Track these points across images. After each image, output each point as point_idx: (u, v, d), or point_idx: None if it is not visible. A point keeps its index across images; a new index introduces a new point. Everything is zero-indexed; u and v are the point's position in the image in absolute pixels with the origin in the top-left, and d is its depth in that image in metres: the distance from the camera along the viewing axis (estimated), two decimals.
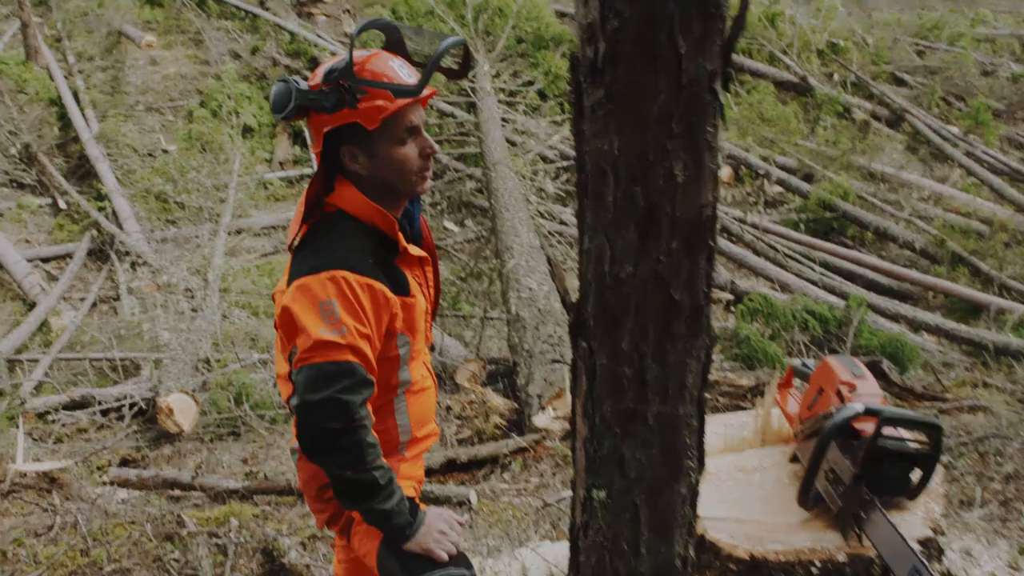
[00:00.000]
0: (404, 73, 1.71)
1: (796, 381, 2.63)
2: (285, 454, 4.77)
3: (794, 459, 2.41)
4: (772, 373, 5.33)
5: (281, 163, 9.53)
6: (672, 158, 1.02)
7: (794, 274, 7.60)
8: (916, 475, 2.15)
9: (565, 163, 8.96)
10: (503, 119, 8.72)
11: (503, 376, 5.85)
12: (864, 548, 2.12)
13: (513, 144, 8.57)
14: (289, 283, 1.68)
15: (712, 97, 1.01)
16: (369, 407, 1.67)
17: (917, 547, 2.08)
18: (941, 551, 2.27)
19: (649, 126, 1.01)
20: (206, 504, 3.90)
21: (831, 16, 11.91)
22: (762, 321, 6.59)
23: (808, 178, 9.07)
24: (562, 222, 8.29)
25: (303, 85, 1.68)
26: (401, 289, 1.73)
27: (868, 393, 2.13)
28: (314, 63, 10.25)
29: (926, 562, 1.88)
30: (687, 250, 1.07)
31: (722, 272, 7.53)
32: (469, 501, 3.68)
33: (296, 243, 1.76)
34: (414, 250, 1.82)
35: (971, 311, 7.20)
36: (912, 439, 2.06)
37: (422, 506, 1.78)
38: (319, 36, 10.71)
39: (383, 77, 1.68)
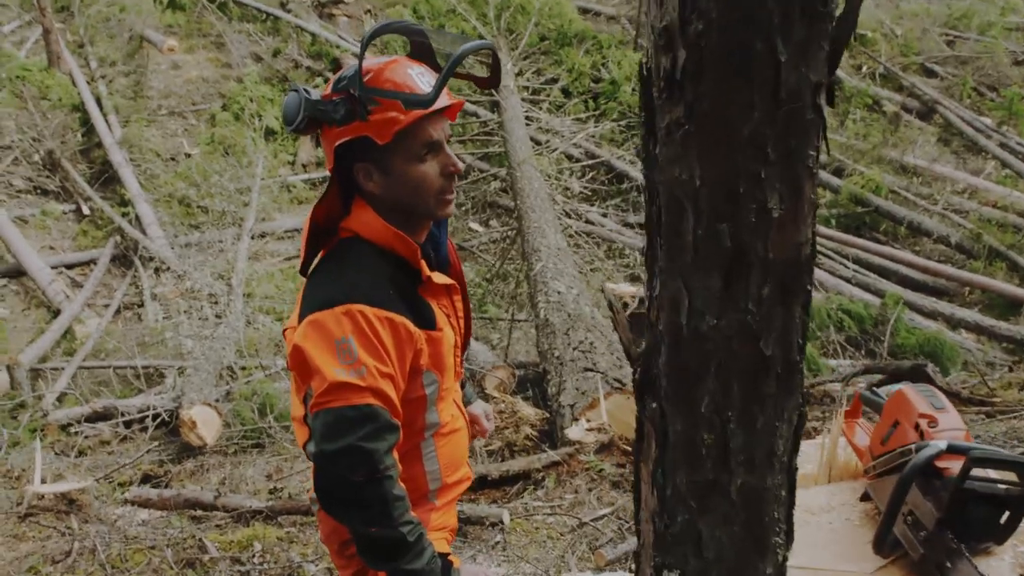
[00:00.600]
0: (423, 82, 1.51)
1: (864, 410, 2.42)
2: (310, 469, 4.63)
3: (864, 497, 2.20)
4: (808, 376, 5.14)
5: (304, 166, 9.45)
6: (766, 188, 0.84)
7: (827, 271, 7.40)
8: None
9: (591, 161, 8.80)
10: (527, 117, 8.57)
11: (532, 383, 5.69)
12: None
13: (538, 143, 8.43)
14: (301, 318, 1.51)
15: (816, 114, 0.83)
16: (395, 455, 1.49)
17: None
18: None
19: (739, 150, 0.83)
20: (229, 525, 3.77)
21: None
22: None
23: (838, 172, 8.84)
24: (588, 221, 8.13)
25: (314, 95, 1.50)
26: (426, 322, 1.55)
27: (950, 427, 1.92)
28: (336, 64, 10.15)
29: None
30: (781, 298, 0.89)
31: None
32: (502, 522, 3.53)
33: (309, 270, 1.59)
34: (440, 278, 1.62)
35: (1009, 307, 7.01)
36: (1001, 479, 1.86)
37: (455, 561, 1.62)
38: (341, 37, 10.62)
39: (397, 86, 1.49)
